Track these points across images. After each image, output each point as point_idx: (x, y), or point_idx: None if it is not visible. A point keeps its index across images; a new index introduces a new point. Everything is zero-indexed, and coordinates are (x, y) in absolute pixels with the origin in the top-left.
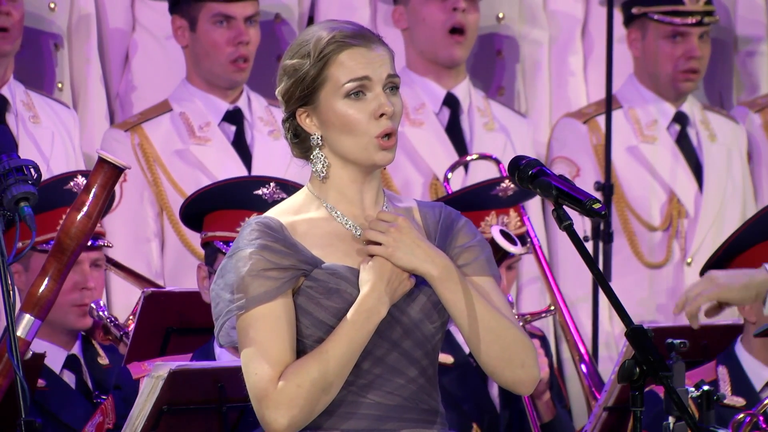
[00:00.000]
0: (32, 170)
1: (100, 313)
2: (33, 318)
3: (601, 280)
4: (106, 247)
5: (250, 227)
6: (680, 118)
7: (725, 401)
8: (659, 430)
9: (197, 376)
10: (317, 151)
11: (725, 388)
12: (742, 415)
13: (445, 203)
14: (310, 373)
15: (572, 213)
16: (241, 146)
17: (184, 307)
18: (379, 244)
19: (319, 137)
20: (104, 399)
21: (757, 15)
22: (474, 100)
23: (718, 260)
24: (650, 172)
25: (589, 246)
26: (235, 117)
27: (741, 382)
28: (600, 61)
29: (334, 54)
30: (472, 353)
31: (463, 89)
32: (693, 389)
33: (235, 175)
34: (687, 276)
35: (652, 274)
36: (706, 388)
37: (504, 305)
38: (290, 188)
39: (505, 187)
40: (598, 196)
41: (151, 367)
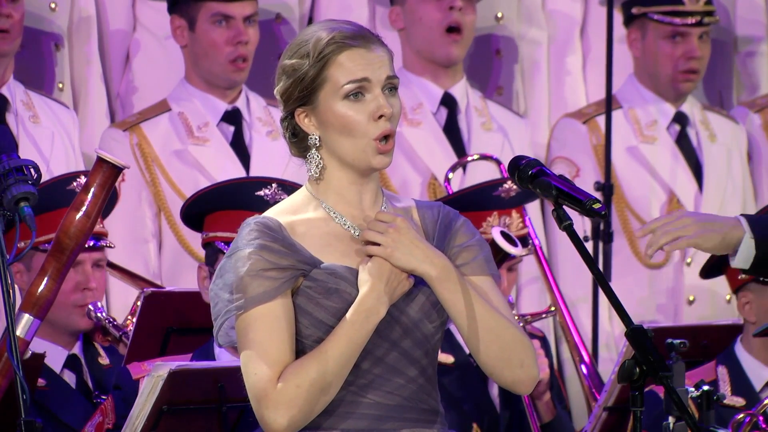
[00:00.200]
0: (32, 170)
1: (98, 314)
2: (32, 318)
3: (601, 280)
4: (108, 248)
5: (248, 227)
6: (680, 119)
7: (725, 401)
8: (659, 430)
9: (197, 376)
10: (313, 151)
11: (725, 388)
12: (741, 415)
13: (446, 203)
14: (309, 374)
15: (572, 213)
16: (240, 146)
17: (184, 307)
18: (378, 245)
19: (317, 138)
20: (104, 399)
21: (757, 15)
22: (471, 100)
23: (717, 261)
24: (650, 173)
25: (589, 246)
26: (233, 117)
27: (741, 382)
28: (599, 61)
29: (333, 55)
30: (471, 353)
31: (460, 89)
32: (693, 389)
33: (233, 176)
34: (686, 276)
35: (652, 274)
36: (706, 388)
37: (503, 305)
38: (292, 189)
39: (507, 188)
40: (598, 196)
41: (151, 367)
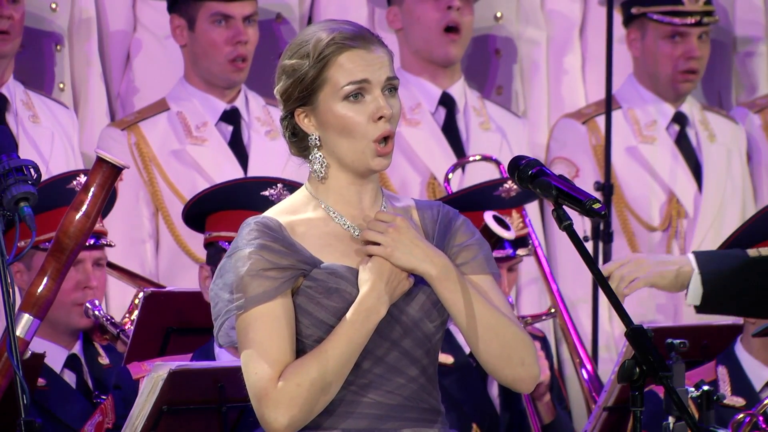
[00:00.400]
0: (32, 170)
1: (96, 312)
2: (32, 317)
3: (601, 280)
4: (108, 247)
5: (249, 227)
6: (679, 119)
7: (725, 401)
8: (659, 430)
9: (197, 376)
10: (315, 151)
11: (725, 388)
12: (741, 415)
13: (445, 203)
14: (310, 373)
15: (572, 213)
16: (238, 146)
17: (184, 307)
18: (378, 244)
19: (317, 138)
20: (104, 399)
21: (756, 16)
22: (469, 100)
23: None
24: (649, 173)
25: (589, 246)
26: (232, 117)
27: (741, 382)
28: (598, 61)
29: (333, 56)
30: (472, 352)
31: (458, 89)
32: (693, 389)
33: (230, 176)
34: None
35: None
36: (705, 388)
37: (503, 303)
38: (297, 189)
39: (507, 188)
40: (598, 196)
41: (151, 367)
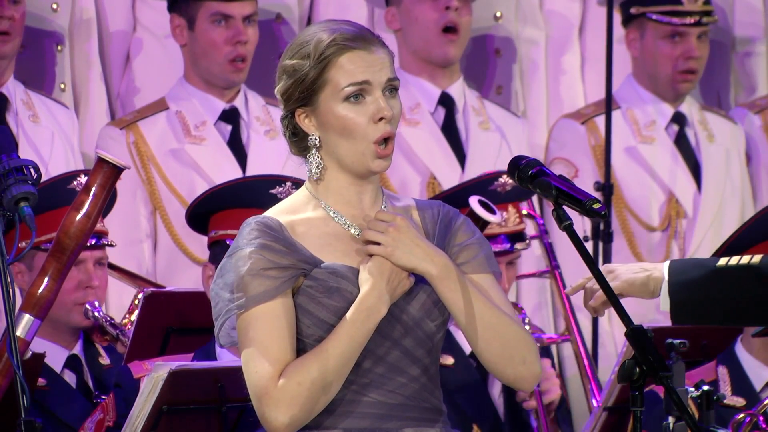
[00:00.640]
0: (32, 170)
1: (95, 313)
2: (32, 318)
3: (601, 280)
4: (109, 246)
5: (249, 227)
6: (678, 119)
7: (725, 401)
8: (659, 430)
9: (197, 376)
10: (314, 151)
11: (725, 388)
12: (742, 415)
13: (442, 199)
14: (311, 372)
15: (572, 213)
16: (237, 146)
17: (184, 307)
18: (379, 244)
19: (317, 138)
20: (104, 399)
21: (755, 16)
22: (469, 100)
23: None
24: (649, 173)
25: (589, 246)
26: (230, 116)
27: (741, 382)
28: (597, 62)
29: (334, 57)
30: (473, 351)
31: (457, 89)
32: (693, 389)
33: (229, 175)
34: None
35: None
36: (706, 388)
37: (504, 302)
38: None
39: (503, 182)
40: (598, 196)
41: (152, 366)
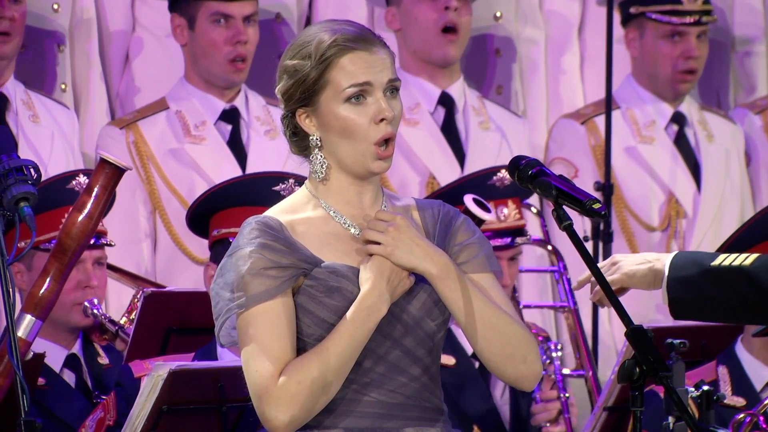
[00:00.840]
0: (32, 170)
1: (94, 311)
2: (34, 319)
3: (601, 280)
4: (108, 246)
5: (249, 226)
6: (678, 119)
7: (725, 401)
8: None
9: (197, 376)
10: (316, 151)
11: (725, 388)
12: (742, 415)
13: (441, 196)
14: (311, 371)
15: (572, 213)
16: (237, 145)
17: (184, 307)
18: (379, 244)
19: (318, 138)
20: (104, 399)
21: (754, 16)
22: (469, 100)
23: None
24: (648, 173)
25: (589, 246)
26: (231, 116)
27: (741, 382)
28: (597, 61)
29: (335, 57)
30: (474, 350)
31: (457, 89)
32: (693, 389)
33: (229, 175)
34: None
35: None
36: (706, 388)
37: (504, 301)
38: None
39: (501, 177)
40: (598, 196)
41: (152, 365)
